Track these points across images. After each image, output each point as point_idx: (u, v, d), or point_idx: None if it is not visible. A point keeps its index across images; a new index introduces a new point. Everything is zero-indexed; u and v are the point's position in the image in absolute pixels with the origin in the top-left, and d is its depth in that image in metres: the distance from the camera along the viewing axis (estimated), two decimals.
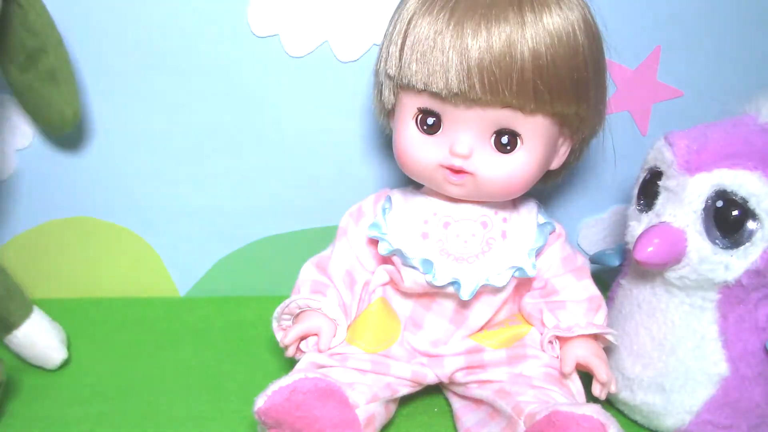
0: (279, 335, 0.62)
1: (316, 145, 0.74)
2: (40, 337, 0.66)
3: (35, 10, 0.64)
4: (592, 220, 0.79)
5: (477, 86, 0.53)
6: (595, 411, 0.49)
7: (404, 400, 0.63)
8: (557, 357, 0.60)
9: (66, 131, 0.69)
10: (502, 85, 0.53)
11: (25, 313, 0.66)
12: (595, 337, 0.60)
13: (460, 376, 0.61)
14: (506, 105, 0.55)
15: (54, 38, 0.66)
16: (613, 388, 0.57)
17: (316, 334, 0.60)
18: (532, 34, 0.53)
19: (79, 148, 0.74)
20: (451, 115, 0.56)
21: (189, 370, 0.68)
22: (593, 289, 0.62)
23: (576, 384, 0.59)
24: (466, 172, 0.57)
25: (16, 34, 0.65)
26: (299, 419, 0.52)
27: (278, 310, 0.62)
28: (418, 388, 0.62)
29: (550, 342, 0.60)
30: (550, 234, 0.62)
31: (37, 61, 0.66)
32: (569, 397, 0.57)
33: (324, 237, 0.67)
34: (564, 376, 0.59)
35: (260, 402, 0.52)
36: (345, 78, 0.72)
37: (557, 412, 0.49)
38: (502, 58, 0.53)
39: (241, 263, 0.79)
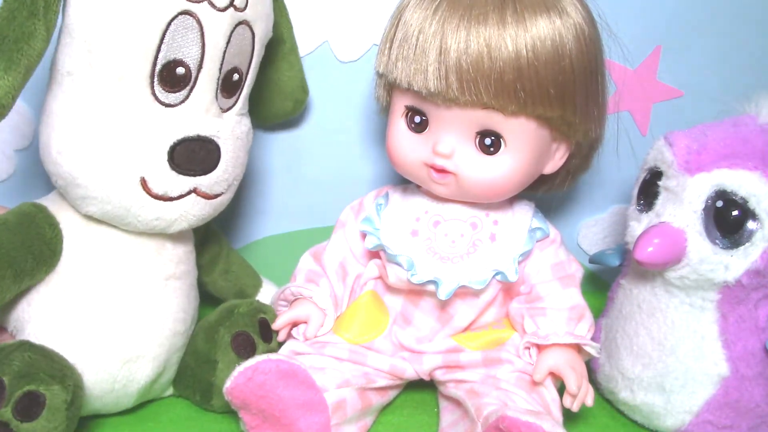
0: None
1: (316, 145, 0.74)
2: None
3: None
4: (592, 220, 0.79)
5: (454, 86, 0.53)
6: (543, 421, 0.48)
7: (405, 400, 0.63)
8: (531, 364, 0.59)
9: (295, 114, 0.70)
10: (480, 86, 0.53)
11: (258, 284, 0.72)
12: (578, 348, 0.59)
13: (439, 374, 0.61)
14: (486, 106, 0.54)
15: (286, 16, 0.65)
16: (589, 402, 0.56)
17: (305, 322, 0.61)
18: (513, 36, 0.53)
19: None
20: (435, 114, 0.56)
21: None
22: (578, 299, 0.61)
23: (551, 392, 0.57)
24: (448, 172, 0.57)
25: None
26: (262, 399, 0.52)
27: (275, 295, 0.64)
28: (398, 382, 0.62)
29: (527, 348, 0.60)
30: (542, 239, 0.61)
31: (277, 45, 0.64)
32: (536, 404, 0.55)
33: (324, 237, 0.67)
34: (535, 383, 0.58)
35: (227, 383, 0.52)
36: (345, 78, 0.72)
37: (504, 417, 0.49)
38: (479, 59, 0.53)
39: None
